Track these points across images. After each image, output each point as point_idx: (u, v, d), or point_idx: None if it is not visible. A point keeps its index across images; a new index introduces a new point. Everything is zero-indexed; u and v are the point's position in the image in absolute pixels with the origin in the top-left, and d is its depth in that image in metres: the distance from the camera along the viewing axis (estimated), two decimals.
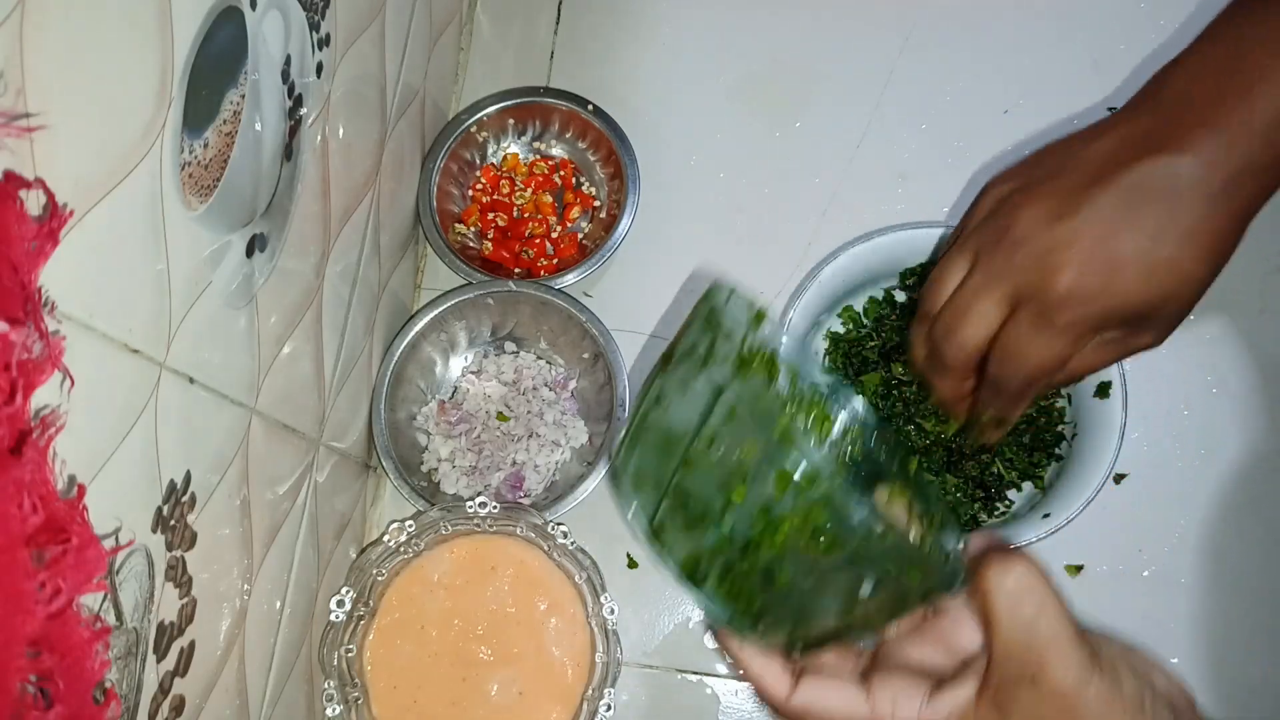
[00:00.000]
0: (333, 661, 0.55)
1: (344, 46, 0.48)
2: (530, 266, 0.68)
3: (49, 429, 0.27)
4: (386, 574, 0.57)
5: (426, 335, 0.64)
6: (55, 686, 0.27)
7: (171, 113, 0.32)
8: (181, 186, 0.34)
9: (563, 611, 0.57)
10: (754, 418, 0.37)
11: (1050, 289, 0.41)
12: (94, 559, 0.28)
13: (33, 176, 0.25)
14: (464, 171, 0.70)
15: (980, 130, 0.70)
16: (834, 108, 0.71)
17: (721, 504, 0.38)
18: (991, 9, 0.73)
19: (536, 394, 0.65)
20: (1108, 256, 0.40)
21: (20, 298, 0.25)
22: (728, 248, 0.69)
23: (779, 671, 0.41)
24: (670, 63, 0.73)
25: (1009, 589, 0.37)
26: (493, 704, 0.56)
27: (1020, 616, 0.36)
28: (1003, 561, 0.37)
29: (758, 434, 0.37)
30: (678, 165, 0.70)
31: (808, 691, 0.40)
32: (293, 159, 0.44)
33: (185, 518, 0.37)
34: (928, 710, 0.38)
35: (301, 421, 0.50)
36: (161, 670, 0.36)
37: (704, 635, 0.63)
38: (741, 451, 0.37)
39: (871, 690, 0.40)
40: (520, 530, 0.57)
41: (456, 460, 0.64)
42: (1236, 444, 0.64)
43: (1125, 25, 0.72)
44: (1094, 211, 0.40)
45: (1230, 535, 0.63)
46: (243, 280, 0.40)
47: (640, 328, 0.67)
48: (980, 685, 0.38)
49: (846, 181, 0.70)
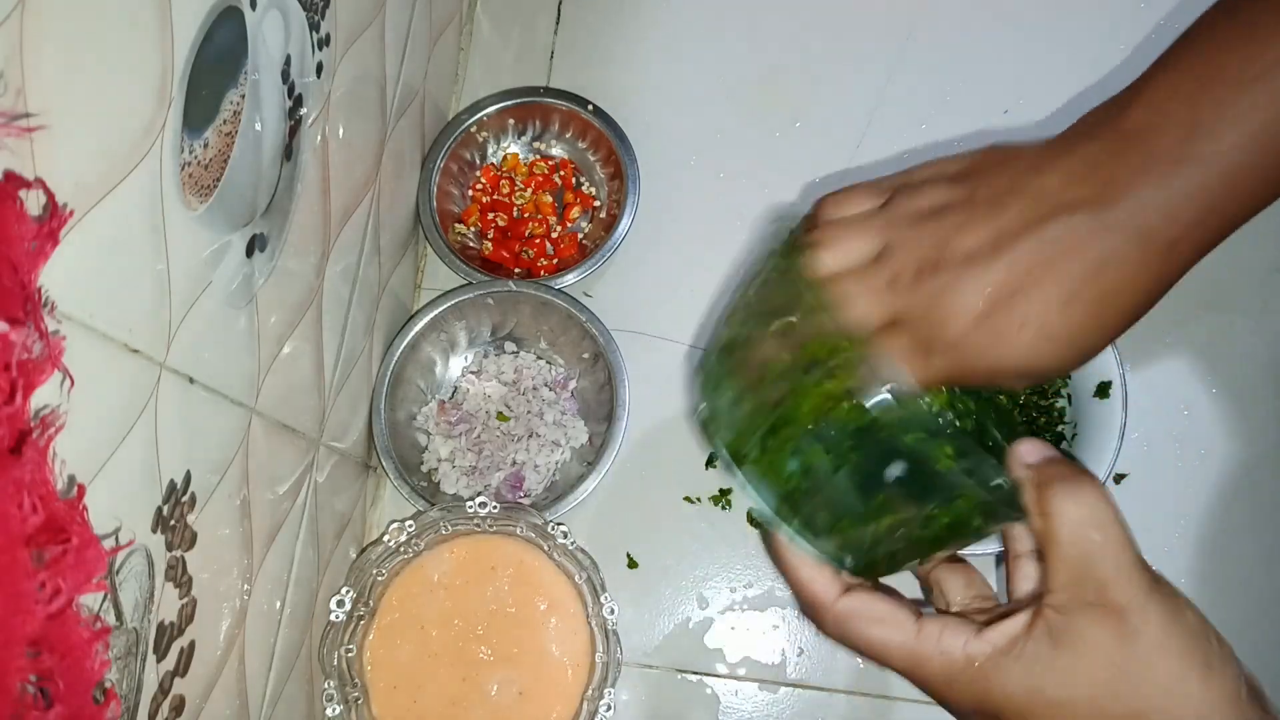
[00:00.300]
0: (333, 661, 0.55)
1: (344, 46, 0.48)
2: (530, 266, 0.68)
3: (49, 429, 0.27)
4: (386, 574, 0.57)
5: (426, 335, 0.64)
6: (55, 686, 0.27)
7: (171, 113, 0.32)
8: (181, 186, 0.34)
9: (563, 611, 0.57)
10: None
11: (938, 332, 0.37)
12: (94, 559, 0.28)
13: (33, 176, 0.25)
14: (464, 171, 0.70)
15: (980, 130, 0.70)
16: (834, 108, 0.71)
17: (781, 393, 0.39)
18: (991, 9, 0.73)
19: (536, 394, 0.65)
20: (1007, 319, 0.37)
21: (20, 298, 0.25)
22: (728, 248, 0.69)
23: (829, 577, 0.41)
24: (670, 63, 0.73)
25: (1076, 517, 0.36)
26: (493, 704, 0.56)
27: (1086, 543, 0.36)
28: (1070, 487, 0.37)
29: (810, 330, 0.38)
30: (678, 165, 0.70)
31: (855, 599, 0.40)
32: (293, 159, 0.44)
33: (185, 518, 0.37)
34: (975, 643, 0.38)
35: (301, 421, 0.50)
36: (161, 670, 0.36)
37: (704, 635, 0.63)
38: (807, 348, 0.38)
39: (921, 619, 0.39)
40: (520, 530, 0.57)
41: (456, 460, 0.64)
42: (1236, 444, 0.64)
43: (1124, 25, 0.72)
44: (1013, 262, 0.37)
45: (1230, 535, 0.63)
46: (243, 280, 0.40)
47: (640, 328, 0.67)
48: (1033, 614, 0.37)
49: (846, 182, 0.70)
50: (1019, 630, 0.37)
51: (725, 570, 0.64)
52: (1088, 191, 0.36)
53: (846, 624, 0.40)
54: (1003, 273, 0.36)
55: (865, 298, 0.39)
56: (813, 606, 0.42)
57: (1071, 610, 0.36)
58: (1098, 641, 0.36)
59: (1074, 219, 0.36)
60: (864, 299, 0.39)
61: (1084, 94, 0.70)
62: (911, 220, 0.40)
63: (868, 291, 0.39)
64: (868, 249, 0.40)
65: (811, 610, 0.42)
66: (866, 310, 0.39)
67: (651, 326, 0.67)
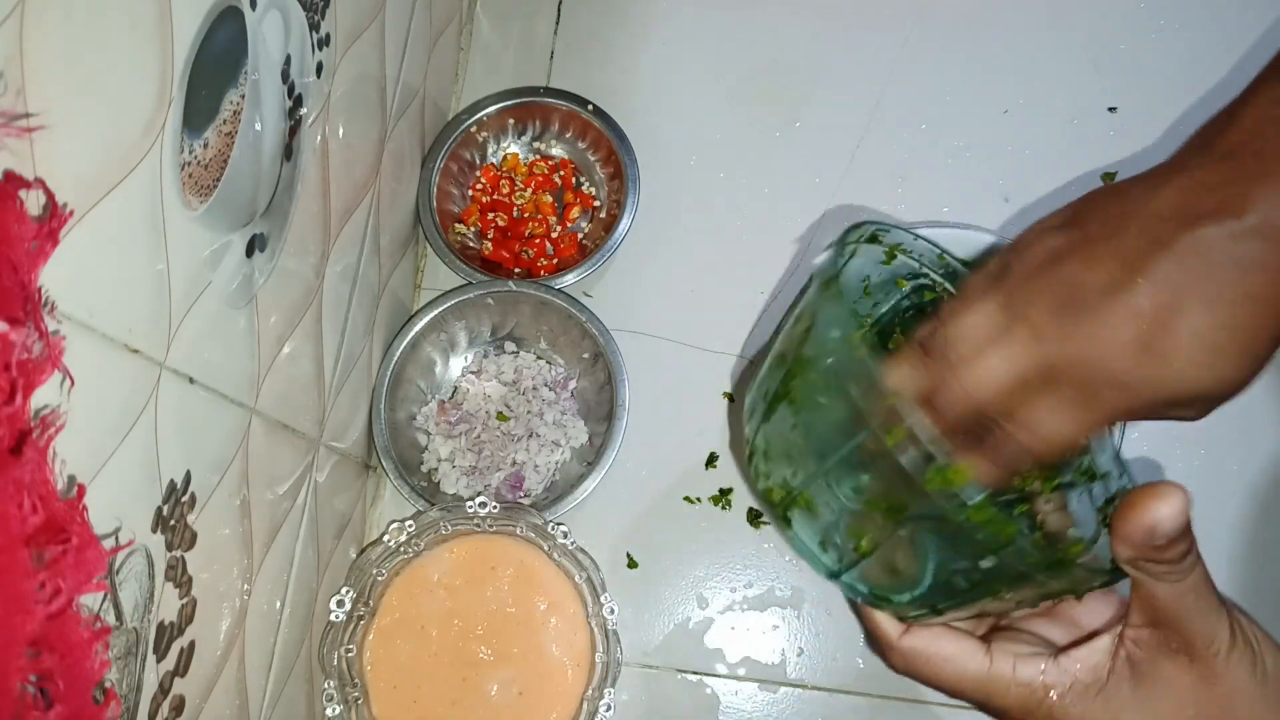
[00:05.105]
0: (333, 661, 0.55)
1: (344, 46, 0.48)
2: (530, 266, 0.68)
3: (49, 429, 0.27)
4: (386, 574, 0.57)
5: (426, 335, 0.64)
6: (55, 686, 0.27)
7: (171, 113, 0.32)
8: (181, 186, 0.34)
9: (563, 611, 0.57)
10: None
11: (1102, 368, 0.36)
12: (94, 559, 0.28)
13: (33, 176, 0.25)
14: (464, 171, 0.70)
15: (980, 130, 0.70)
16: (834, 108, 0.71)
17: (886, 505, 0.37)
18: (991, 9, 0.73)
19: (536, 394, 0.65)
20: (1168, 337, 0.35)
21: (20, 298, 0.25)
22: (728, 248, 0.69)
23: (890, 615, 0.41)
24: (670, 63, 0.73)
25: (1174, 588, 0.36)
26: (493, 704, 0.56)
27: (1180, 602, 0.36)
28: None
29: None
30: (678, 165, 0.70)
31: (922, 635, 0.40)
32: (293, 159, 0.44)
33: (185, 518, 0.37)
34: (1053, 672, 0.38)
35: (301, 421, 0.50)
36: (161, 670, 0.36)
37: (704, 635, 0.63)
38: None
39: (990, 649, 0.39)
40: (520, 530, 0.57)
41: (456, 460, 0.64)
42: (1237, 444, 0.64)
43: (1125, 25, 0.72)
44: (1155, 281, 0.35)
45: (1231, 535, 0.63)
46: (243, 280, 0.40)
47: (640, 328, 0.67)
48: (1114, 645, 0.37)
49: (846, 181, 0.70)
50: (1100, 661, 0.37)
51: (725, 570, 0.64)
52: (1210, 205, 0.35)
53: (914, 662, 0.40)
54: (1148, 295, 0.35)
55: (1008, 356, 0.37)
56: (877, 639, 0.42)
57: (1153, 649, 0.36)
58: (1180, 684, 0.36)
59: (1204, 232, 0.35)
60: (1006, 358, 0.37)
61: (1084, 93, 0.71)
62: (1031, 278, 0.38)
63: (1011, 350, 0.37)
64: (995, 322, 0.38)
65: (876, 643, 0.42)
66: (1009, 368, 0.37)
67: (651, 326, 0.67)
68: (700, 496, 0.65)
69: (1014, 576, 0.36)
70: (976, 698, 0.40)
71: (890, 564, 0.39)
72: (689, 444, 0.66)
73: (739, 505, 0.64)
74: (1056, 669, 0.38)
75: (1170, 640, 0.36)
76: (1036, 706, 0.38)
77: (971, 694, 0.40)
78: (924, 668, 0.40)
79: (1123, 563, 0.36)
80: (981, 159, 0.70)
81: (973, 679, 0.39)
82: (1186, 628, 0.36)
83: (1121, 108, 0.70)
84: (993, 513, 0.34)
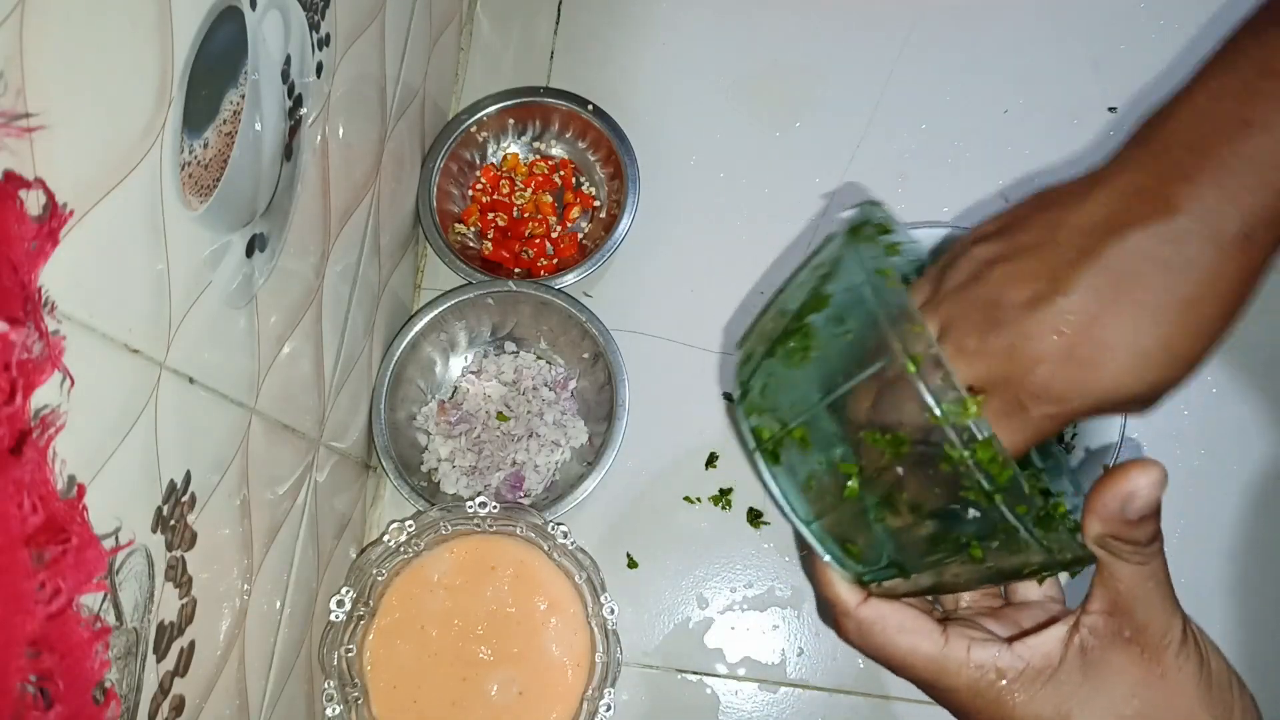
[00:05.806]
0: (333, 661, 0.55)
1: (344, 46, 0.48)
2: (530, 266, 0.68)
3: (49, 429, 0.27)
4: (386, 574, 0.57)
5: (426, 335, 0.64)
6: (55, 686, 0.27)
7: (171, 113, 0.32)
8: (181, 186, 0.34)
9: (563, 611, 0.57)
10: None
11: (1026, 382, 0.36)
12: (94, 559, 0.28)
13: (33, 176, 0.25)
14: (464, 171, 0.70)
15: (980, 130, 0.70)
16: (834, 108, 0.71)
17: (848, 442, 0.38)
18: (991, 9, 0.73)
19: (536, 394, 0.65)
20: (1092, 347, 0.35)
21: (20, 298, 0.25)
22: (728, 248, 0.69)
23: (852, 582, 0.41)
24: (670, 63, 0.73)
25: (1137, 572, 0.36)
26: (493, 704, 0.56)
27: (1140, 589, 0.36)
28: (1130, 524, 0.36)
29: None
30: (678, 165, 0.70)
31: (880, 605, 0.40)
32: (293, 159, 0.44)
33: (185, 518, 0.37)
34: (1006, 657, 0.38)
35: (301, 421, 0.50)
36: (161, 670, 0.36)
37: (704, 635, 0.63)
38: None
39: (947, 630, 0.39)
40: (520, 530, 0.57)
41: (456, 460, 0.64)
42: (1237, 444, 0.64)
43: (1125, 25, 0.72)
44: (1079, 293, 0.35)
45: (1231, 535, 0.63)
46: (243, 280, 0.40)
47: (640, 328, 0.67)
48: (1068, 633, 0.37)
49: (846, 181, 0.70)
50: (1053, 649, 0.37)
51: (725, 570, 0.64)
52: (1140, 209, 0.35)
53: (869, 631, 0.40)
54: (1072, 306, 0.35)
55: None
56: (834, 607, 0.41)
57: (1107, 639, 0.37)
58: (1130, 675, 0.36)
59: (1134, 237, 0.35)
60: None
61: (1084, 94, 0.71)
62: (959, 290, 0.38)
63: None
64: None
65: (833, 614, 0.42)
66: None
67: (651, 326, 0.67)
68: (700, 496, 0.65)
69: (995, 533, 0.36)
70: (926, 675, 0.39)
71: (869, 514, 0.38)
72: (689, 444, 0.66)
73: (739, 505, 0.64)
74: (1010, 654, 0.38)
75: (1124, 628, 0.37)
76: (986, 689, 0.38)
77: (922, 670, 0.39)
78: (878, 638, 0.40)
79: (1092, 540, 0.36)
80: (981, 159, 0.70)
81: (925, 655, 0.39)
82: (1143, 616, 0.36)
83: (1121, 108, 0.70)
84: (995, 452, 0.34)
